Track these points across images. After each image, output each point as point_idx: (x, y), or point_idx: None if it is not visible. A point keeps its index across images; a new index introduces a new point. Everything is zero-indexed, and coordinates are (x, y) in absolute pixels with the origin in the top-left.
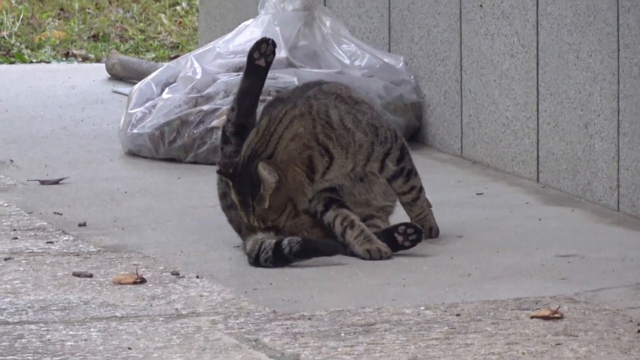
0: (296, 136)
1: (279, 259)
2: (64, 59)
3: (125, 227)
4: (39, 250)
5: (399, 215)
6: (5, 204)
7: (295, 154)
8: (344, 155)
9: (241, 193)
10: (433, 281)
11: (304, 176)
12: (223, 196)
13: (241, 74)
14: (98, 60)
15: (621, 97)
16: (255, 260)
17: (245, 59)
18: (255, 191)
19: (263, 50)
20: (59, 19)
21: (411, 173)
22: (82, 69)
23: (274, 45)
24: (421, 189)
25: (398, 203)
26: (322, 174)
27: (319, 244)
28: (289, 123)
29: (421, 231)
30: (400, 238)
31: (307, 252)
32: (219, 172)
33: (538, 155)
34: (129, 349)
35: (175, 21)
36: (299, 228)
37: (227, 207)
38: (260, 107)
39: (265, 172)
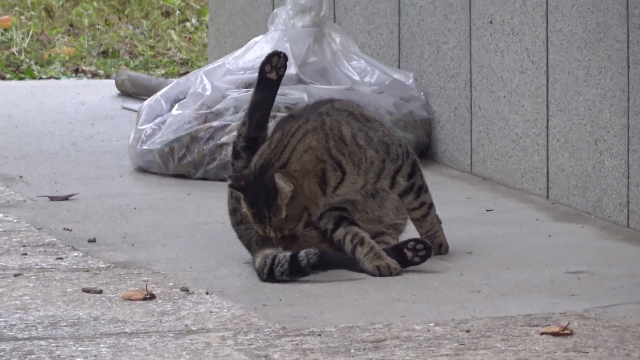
0: (309, 148)
1: (296, 271)
2: (73, 75)
3: (135, 243)
4: (48, 266)
5: (409, 233)
6: (15, 220)
7: (308, 165)
8: (356, 171)
9: (255, 205)
10: (443, 297)
11: (317, 186)
12: (233, 212)
13: (251, 90)
14: (107, 77)
15: (631, 113)
16: (269, 274)
17: (255, 75)
18: (271, 201)
19: (274, 63)
20: (68, 35)
21: (422, 189)
22: (92, 85)
23: (285, 58)
24: (431, 205)
25: (409, 221)
26: (334, 188)
27: (337, 256)
28: (302, 136)
29: (431, 247)
30: (409, 254)
31: (324, 263)
32: (230, 185)
33: (548, 171)
34: None
35: (185, 37)
36: (308, 243)
37: (237, 223)
38: (271, 124)
39: (281, 182)
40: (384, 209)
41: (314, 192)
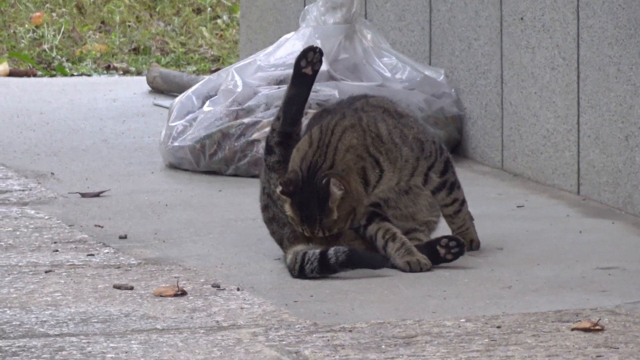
0: (350, 147)
1: (325, 268)
2: (104, 72)
3: (166, 240)
4: (79, 263)
5: (441, 230)
6: (47, 217)
7: (351, 164)
8: (392, 169)
9: (305, 208)
10: (473, 293)
11: (361, 185)
12: (265, 208)
13: (282, 87)
14: (139, 73)
15: None
16: (300, 271)
17: (286, 71)
18: (323, 204)
19: (310, 58)
20: (99, 32)
21: (454, 185)
22: (123, 82)
23: (321, 53)
24: (463, 202)
25: (441, 218)
26: (373, 186)
27: (365, 255)
28: (341, 135)
29: (464, 245)
30: (442, 251)
31: (353, 262)
32: (281, 192)
33: (579, 167)
34: None
35: (216, 34)
36: (344, 240)
37: (270, 220)
38: (304, 121)
39: (335, 187)
40: (417, 205)
41: (360, 192)
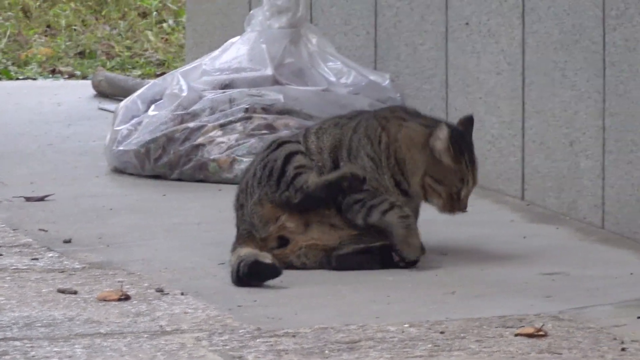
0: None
1: (238, 281)
2: (50, 75)
3: (111, 244)
4: (23, 267)
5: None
6: None
7: None
8: None
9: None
10: (417, 298)
11: None
12: (241, 208)
13: (227, 91)
14: (84, 77)
15: (607, 115)
16: (235, 277)
17: (231, 76)
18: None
19: (354, 185)
20: (45, 36)
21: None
22: (69, 86)
23: (363, 182)
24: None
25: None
26: None
27: (263, 266)
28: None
29: (417, 261)
30: (397, 257)
31: (252, 274)
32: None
33: (523, 173)
34: None
35: (162, 38)
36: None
37: (243, 220)
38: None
39: None
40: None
41: None
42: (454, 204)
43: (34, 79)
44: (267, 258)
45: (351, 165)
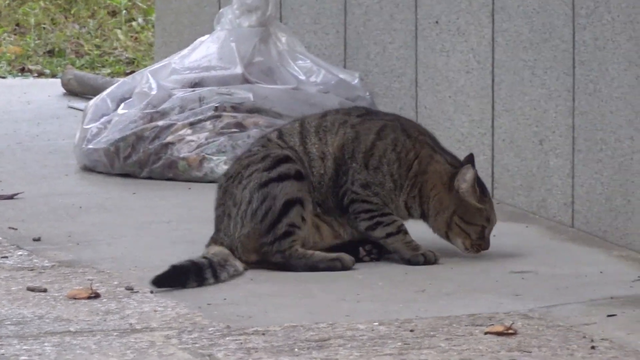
0: None
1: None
2: (19, 74)
3: (80, 242)
4: None
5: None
6: None
7: None
8: None
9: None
10: (387, 297)
11: None
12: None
13: (197, 89)
14: (54, 76)
15: (576, 113)
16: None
17: (200, 74)
18: None
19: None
20: (14, 34)
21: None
22: (38, 84)
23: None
24: None
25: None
26: None
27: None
28: None
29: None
30: (363, 252)
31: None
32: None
33: (493, 171)
34: None
35: (131, 37)
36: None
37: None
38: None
39: None
40: None
41: None
42: (480, 243)
43: (3, 78)
44: (232, 262)
45: (345, 254)
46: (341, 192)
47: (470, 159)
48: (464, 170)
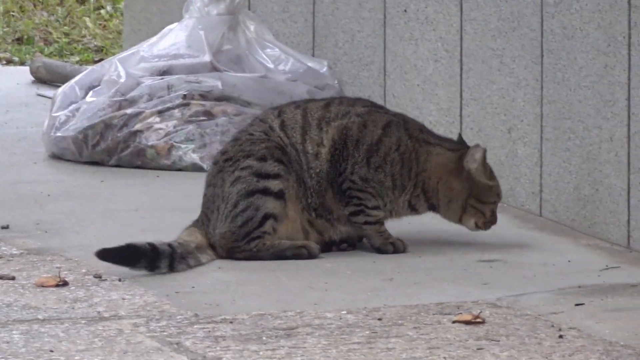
0: None
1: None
2: None
3: (48, 230)
4: None
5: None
6: None
7: None
8: None
9: None
10: (355, 285)
11: None
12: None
13: (165, 77)
14: (22, 63)
15: (544, 102)
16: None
17: (169, 62)
18: None
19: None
20: None
21: None
22: (6, 72)
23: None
24: None
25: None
26: None
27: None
28: None
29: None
30: (334, 248)
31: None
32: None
33: None
34: (51, 351)
35: (100, 24)
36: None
37: None
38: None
39: None
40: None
41: None
42: (492, 219)
43: None
44: (197, 255)
45: (312, 242)
46: (340, 179)
47: (461, 139)
48: (473, 151)
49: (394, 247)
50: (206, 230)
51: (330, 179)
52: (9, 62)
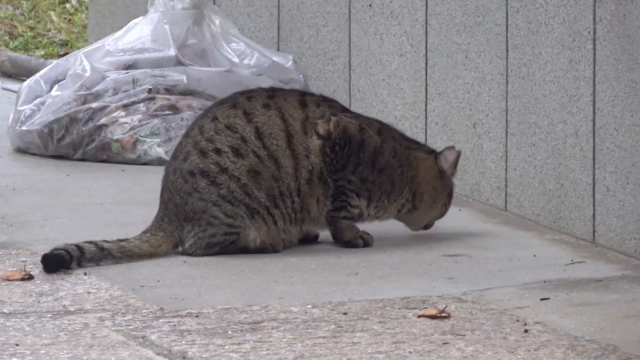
0: None
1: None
2: None
3: (14, 224)
4: None
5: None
6: None
7: None
8: None
9: None
10: (320, 279)
11: None
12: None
13: (130, 71)
14: None
15: (509, 97)
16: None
17: (134, 56)
18: None
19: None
20: None
21: None
22: None
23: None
24: None
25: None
26: None
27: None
28: None
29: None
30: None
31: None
32: None
33: None
34: (17, 345)
35: (65, 18)
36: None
37: None
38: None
39: None
40: None
41: None
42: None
43: None
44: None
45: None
46: (336, 176)
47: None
48: (447, 152)
49: (363, 240)
50: (174, 232)
51: (324, 176)
52: None
